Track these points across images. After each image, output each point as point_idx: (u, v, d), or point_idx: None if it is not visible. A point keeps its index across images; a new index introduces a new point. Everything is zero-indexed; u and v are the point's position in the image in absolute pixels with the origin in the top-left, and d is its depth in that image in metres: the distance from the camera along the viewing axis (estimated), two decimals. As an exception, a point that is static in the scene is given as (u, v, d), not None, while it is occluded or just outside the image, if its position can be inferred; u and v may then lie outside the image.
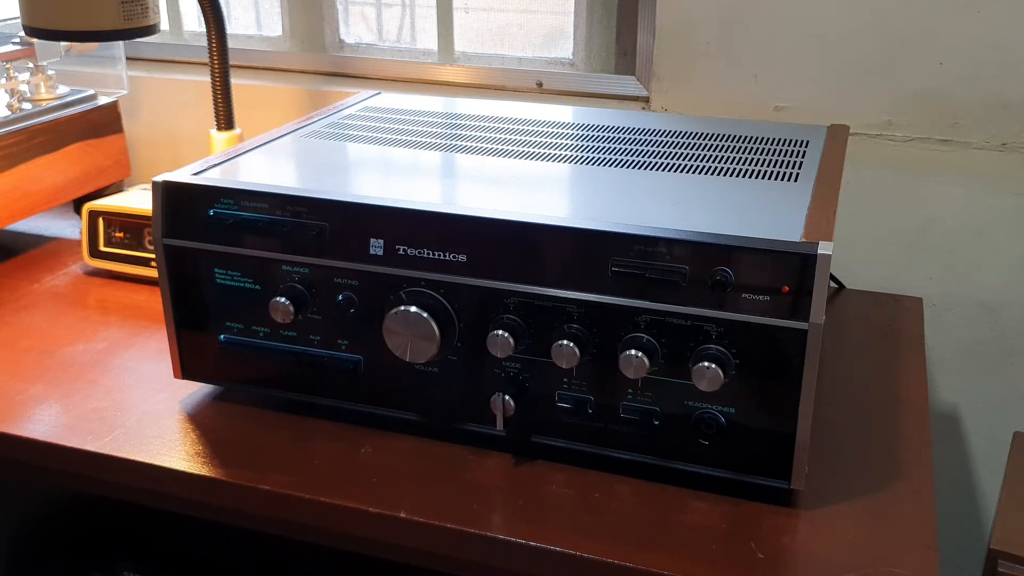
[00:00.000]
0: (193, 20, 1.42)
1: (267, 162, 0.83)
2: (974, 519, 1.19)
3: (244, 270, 0.76)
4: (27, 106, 1.12)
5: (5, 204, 1.07)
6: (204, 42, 1.07)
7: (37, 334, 0.93)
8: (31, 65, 1.15)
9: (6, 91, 1.13)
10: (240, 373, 0.79)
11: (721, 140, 0.89)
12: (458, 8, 1.30)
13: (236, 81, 1.12)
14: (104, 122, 1.19)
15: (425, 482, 0.71)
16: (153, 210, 0.76)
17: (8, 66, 1.13)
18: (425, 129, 0.93)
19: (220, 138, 1.11)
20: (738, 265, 0.64)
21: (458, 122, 0.96)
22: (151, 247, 1.03)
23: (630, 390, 0.69)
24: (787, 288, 0.63)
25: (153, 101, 1.34)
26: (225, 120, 1.10)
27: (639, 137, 0.90)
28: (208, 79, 1.09)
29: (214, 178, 0.77)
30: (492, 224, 0.69)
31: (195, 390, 0.83)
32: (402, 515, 0.68)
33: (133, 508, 0.80)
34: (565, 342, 0.67)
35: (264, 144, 0.87)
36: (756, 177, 0.79)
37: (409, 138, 0.90)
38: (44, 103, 1.13)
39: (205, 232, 0.75)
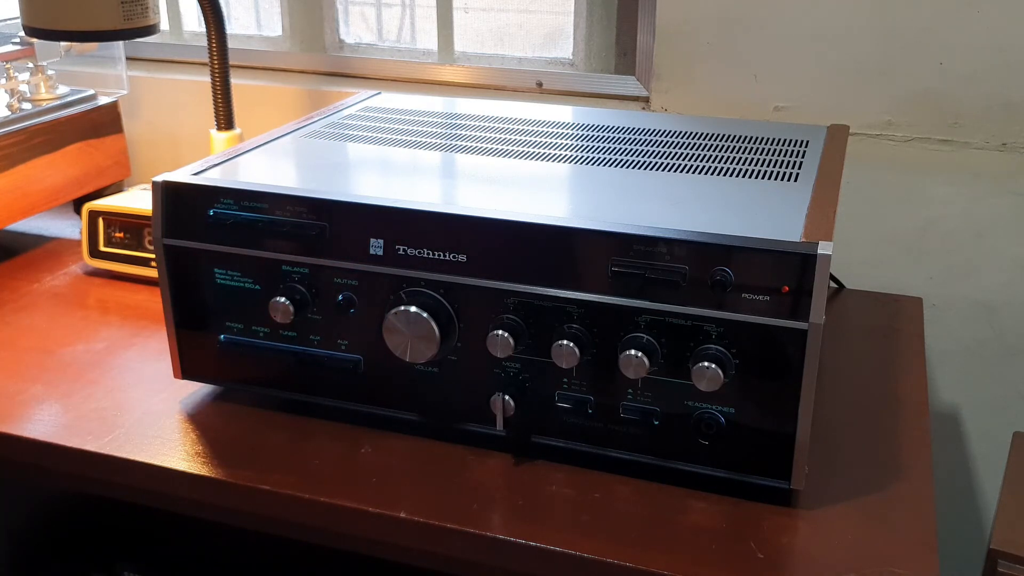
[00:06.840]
0: (193, 20, 1.42)
1: (267, 162, 0.83)
2: (974, 519, 1.18)
3: (244, 270, 0.76)
4: (27, 106, 1.12)
5: (5, 204, 1.07)
6: (204, 42, 1.07)
7: (37, 334, 0.93)
8: (31, 65, 1.15)
9: (6, 91, 1.13)
10: (240, 373, 0.79)
11: (721, 140, 0.89)
12: (458, 8, 1.30)
13: (236, 81, 1.12)
14: (104, 122, 1.19)
15: (425, 482, 0.71)
16: (153, 210, 0.76)
17: (8, 66, 1.13)
18: (425, 129, 0.93)
19: (220, 138, 1.11)
20: (738, 265, 0.64)
21: (458, 122, 0.96)
22: (151, 247, 1.03)
23: (630, 390, 0.69)
24: (787, 288, 0.63)
25: (153, 101, 1.34)
26: (225, 120, 1.10)
27: (639, 137, 0.90)
28: (208, 79, 1.09)
29: (214, 178, 0.77)
30: (492, 224, 0.69)
31: (195, 390, 0.83)
32: (402, 515, 0.68)
33: (133, 508, 0.80)
34: (565, 342, 0.67)
35: (264, 144, 0.87)
36: (756, 177, 0.79)
37: (409, 138, 0.90)
38: (44, 103, 1.13)
39: (205, 232, 0.75)
